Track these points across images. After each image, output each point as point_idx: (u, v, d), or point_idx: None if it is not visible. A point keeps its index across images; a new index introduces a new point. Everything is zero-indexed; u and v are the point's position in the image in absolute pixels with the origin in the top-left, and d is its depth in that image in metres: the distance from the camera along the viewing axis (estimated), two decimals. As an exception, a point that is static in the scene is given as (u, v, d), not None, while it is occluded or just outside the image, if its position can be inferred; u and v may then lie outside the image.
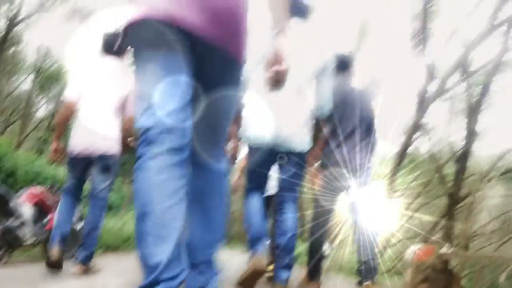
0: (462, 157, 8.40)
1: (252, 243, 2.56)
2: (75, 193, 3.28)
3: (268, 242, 3.20)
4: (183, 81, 1.35)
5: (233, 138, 2.87)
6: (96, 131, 3.07)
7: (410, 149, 13.61)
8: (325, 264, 7.82)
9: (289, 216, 2.67)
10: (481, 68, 11.01)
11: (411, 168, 17.74)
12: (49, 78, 23.25)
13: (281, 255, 2.62)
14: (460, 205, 10.02)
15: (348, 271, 7.62)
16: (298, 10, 2.67)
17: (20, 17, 14.14)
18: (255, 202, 2.70)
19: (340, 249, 9.10)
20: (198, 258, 1.50)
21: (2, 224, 3.68)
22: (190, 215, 1.46)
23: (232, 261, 4.87)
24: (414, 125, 10.55)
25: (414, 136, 12.34)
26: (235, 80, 1.53)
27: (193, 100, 1.43)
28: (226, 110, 1.55)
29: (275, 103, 2.50)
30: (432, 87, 10.87)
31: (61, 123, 3.33)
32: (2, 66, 16.35)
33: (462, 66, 8.89)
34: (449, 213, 8.38)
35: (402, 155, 11.01)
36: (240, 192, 3.46)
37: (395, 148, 17.23)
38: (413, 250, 5.09)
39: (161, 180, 1.26)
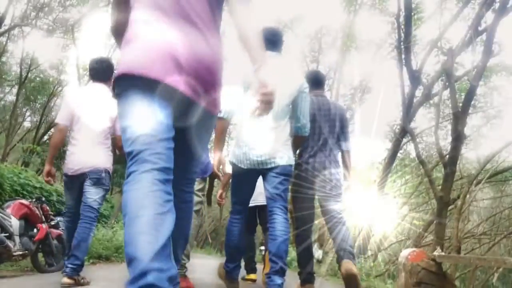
0: (451, 161, 8.45)
1: (229, 256, 3.05)
2: (75, 214, 3.40)
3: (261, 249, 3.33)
4: (167, 121, 1.53)
5: (216, 154, 3.07)
6: (88, 151, 3.31)
7: (399, 154, 13.74)
8: (320, 268, 7.81)
9: (279, 223, 2.81)
10: (466, 74, 11.21)
11: (400, 173, 17.90)
12: (34, 89, 23.02)
13: (274, 260, 2.72)
14: (450, 208, 10.10)
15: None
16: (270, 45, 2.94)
17: (2, 29, 13.97)
18: (236, 230, 3.00)
19: (332, 254, 9.09)
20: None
21: (-12, 237, 3.59)
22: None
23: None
24: (402, 130, 10.62)
25: (403, 141, 12.48)
26: (209, 124, 1.76)
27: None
28: (195, 155, 1.78)
29: (258, 127, 2.83)
30: (419, 93, 11.02)
31: (55, 146, 3.56)
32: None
33: (446, 72, 9.01)
34: (440, 216, 8.41)
35: (391, 159, 11.06)
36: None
37: (385, 153, 17.40)
38: (406, 253, 5.10)
39: (154, 190, 1.38)
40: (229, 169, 3.65)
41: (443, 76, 10.21)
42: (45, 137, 25.11)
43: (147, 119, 1.48)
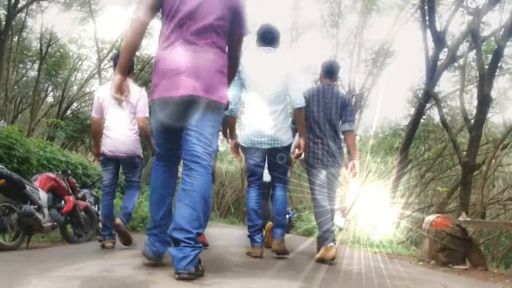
0: (476, 125, 8.22)
1: (251, 231, 3.50)
2: (112, 186, 4.06)
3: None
4: (178, 129, 2.30)
5: (232, 141, 3.66)
6: (120, 137, 3.89)
7: (422, 120, 13.45)
8: (343, 235, 7.85)
9: (280, 193, 3.62)
10: (493, 34, 10.73)
11: (423, 138, 17.60)
12: (54, 64, 23.24)
13: (276, 218, 3.58)
14: (475, 173, 9.92)
15: (363, 243, 7.63)
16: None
17: (20, 5, 14.00)
18: (253, 194, 3.59)
19: (353, 222, 9.13)
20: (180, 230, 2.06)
21: (18, 209, 3.70)
22: (179, 197, 2.16)
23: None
24: (425, 94, 10.34)
25: (426, 106, 12.18)
26: (216, 110, 2.29)
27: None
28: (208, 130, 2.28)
29: (261, 112, 3.45)
30: (443, 56, 10.64)
31: (94, 135, 4.22)
32: (7, 54, 16.32)
33: (472, 33, 8.63)
34: (465, 181, 8.26)
35: (414, 125, 10.84)
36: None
37: (407, 120, 17.06)
38: (430, 219, 5.06)
39: (164, 176, 2.47)
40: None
41: (469, 37, 9.80)
42: (68, 111, 25.59)
43: (162, 129, 2.38)
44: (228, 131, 3.66)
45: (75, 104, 26.90)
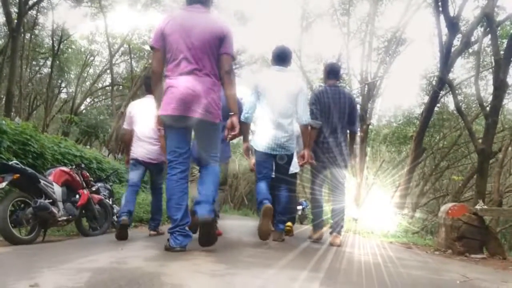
0: (492, 111, 8.05)
1: (259, 204, 3.83)
2: (137, 184, 4.58)
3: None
4: (188, 140, 3.00)
5: (245, 144, 4.17)
6: (147, 146, 4.54)
7: (436, 108, 13.23)
8: (357, 226, 7.81)
9: (283, 193, 4.00)
10: (508, 18, 10.46)
11: (438, 127, 17.35)
12: (67, 60, 23.42)
13: (279, 214, 4.00)
14: (491, 161, 9.74)
15: (378, 233, 7.57)
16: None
17: (31, 2, 14.09)
18: (262, 185, 3.97)
19: (368, 213, 9.07)
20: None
21: (33, 203, 3.73)
22: (199, 184, 3.04)
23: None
24: (439, 81, 10.17)
25: (441, 94, 11.97)
26: (213, 130, 3.01)
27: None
28: (211, 140, 3.06)
29: (273, 123, 3.89)
30: (457, 42, 10.42)
31: (126, 143, 4.84)
32: (20, 52, 16.49)
33: (487, 17, 8.42)
34: (481, 169, 8.12)
35: (428, 113, 10.67)
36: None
37: (420, 108, 16.83)
38: (446, 208, 4.98)
39: (178, 184, 2.88)
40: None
41: (483, 21, 9.59)
42: (82, 107, 25.84)
43: (175, 141, 2.95)
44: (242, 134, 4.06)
45: (88, 100, 27.19)
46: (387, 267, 2.82)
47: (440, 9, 9.02)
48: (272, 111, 3.88)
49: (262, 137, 3.95)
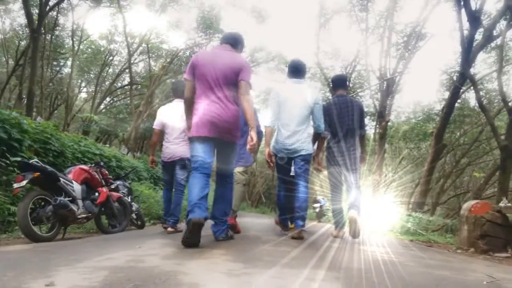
0: (516, 106, 7.82)
1: (280, 212, 4.74)
2: (170, 184, 5.04)
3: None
4: (212, 153, 3.41)
5: (266, 149, 4.37)
6: (176, 146, 4.89)
7: (456, 104, 12.95)
8: (374, 224, 7.69)
9: (301, 190, 4.18)
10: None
11: (459, 123, 16.99)
12: (86, 60, 23.76)
13: (298, 211, 4.14)
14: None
15: (398, 232, 7.46)
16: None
17: (51, 3, 14.30)
18: (282, 193, 4.57)
19: (386, 211, 8.93)
20: (216, 216, 3.48)
21: (53, 201, 3.78)
22: (215, 198, 3.55)
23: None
24: (461, 76, 9.94)
25: (462, 89, 11.70)
26: (232, 147, 3.53)
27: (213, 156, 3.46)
28: (229, 159, 3.57)
29: (290, 130, 4.26)
30: (478, 36, 10.16)
31: (153, 144, 5.23)
32: (41, 52, 16.79)
33: (510, 9, 8.17)
34: (504, 166, 7.91)
35: (449, 109, 10.45)
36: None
37: (441, 104, 16.50)
38: (468, 206, 4.86)
39: (201, 180, 3.20)
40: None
41: (507, 14, 9.32)
42: (102, 106, 26.19)
43: (200, 153, 3.31)
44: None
45: (107, 99, 27.54)
46: (410, 267, 2.76)
47: (462, 2, 8.80)
48: (290, 119, 4.27)
49: (281, 142, 4.32)
